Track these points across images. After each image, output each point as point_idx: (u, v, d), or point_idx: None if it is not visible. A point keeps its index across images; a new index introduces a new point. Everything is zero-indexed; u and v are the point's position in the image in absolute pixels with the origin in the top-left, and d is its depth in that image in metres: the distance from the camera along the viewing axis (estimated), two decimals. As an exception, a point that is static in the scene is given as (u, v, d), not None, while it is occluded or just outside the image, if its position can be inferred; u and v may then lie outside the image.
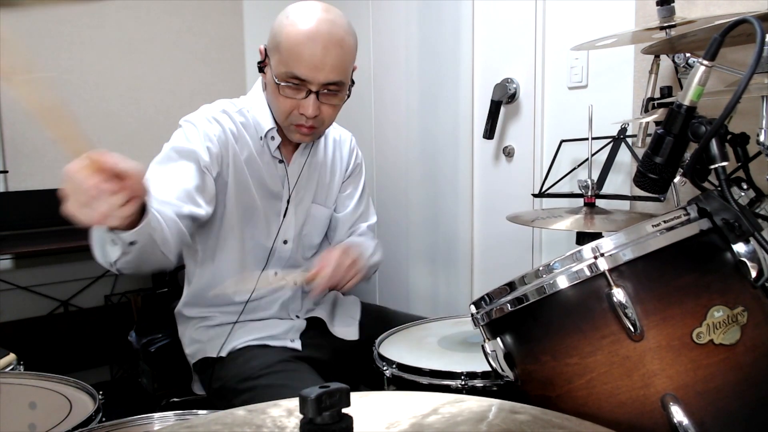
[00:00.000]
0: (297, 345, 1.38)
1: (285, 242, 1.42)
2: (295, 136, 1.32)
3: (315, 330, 1.45)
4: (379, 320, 1.52)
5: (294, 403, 0.50)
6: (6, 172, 2.50)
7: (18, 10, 2.49)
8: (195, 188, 1.22)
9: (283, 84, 1.22)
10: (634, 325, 0.75)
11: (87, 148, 0.84)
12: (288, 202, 1.40)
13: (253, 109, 1.35)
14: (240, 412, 0.59)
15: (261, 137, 1.34)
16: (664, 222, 0.80)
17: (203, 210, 1.24)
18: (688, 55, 1.35)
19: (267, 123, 1.34)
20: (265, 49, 1.30)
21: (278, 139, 1.35)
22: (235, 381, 1.27)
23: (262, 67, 1.31)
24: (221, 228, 1.35)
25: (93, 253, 1.06)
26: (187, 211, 1.19)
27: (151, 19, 2.83)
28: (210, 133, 1.28)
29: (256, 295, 1.35)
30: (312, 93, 1.23)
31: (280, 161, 1.38)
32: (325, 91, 1.24)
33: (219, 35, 3.02)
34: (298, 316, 1.45)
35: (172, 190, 1.18)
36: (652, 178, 0.88)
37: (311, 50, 1.19)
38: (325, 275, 1.25)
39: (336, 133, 1.53)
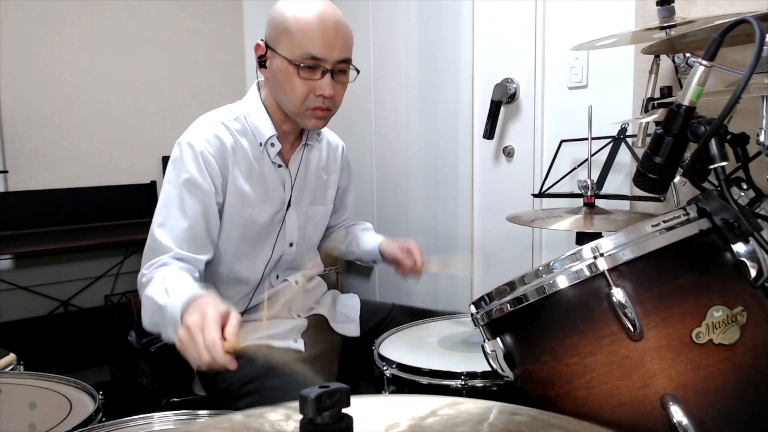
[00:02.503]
0: (300, 345, 1.39)
1: (291, 245, 1.44)
2: (311, 122, 1.32)
3: (317, 328, 1.46)
4: (378, 315, 1.54)
5: (293, 407, 0.50)
6: (6, 172, 2.50)
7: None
8: (206, 231, 1.29)
9: (301, 66, 1.24)
10: (633, 325, 0.75)
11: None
12: (290, 204, 1.41)
13: (251, 115, 1.35)
14: (238, 416, 0.59)
15: (260, 143, 1.34)
16: (664, 222, 0.80)
17: (210, 251, 1.32)
18: (688, 55, 1.35)
19: (267, 130, 1.34)
20: (265, 43, 1.30)
21: (278, 146, 1.36)
22: (239, 383, 1.27)
23: (263, 62, 1.31)
24: (224, 245, 1.36)
25: (144, 322, 1.18)
26: (202, 266, 1.29)
27: (151, 20, 2.83)
28: (211, 158, 1.29)
29: None
30: (327, 72, 1.26)
31: (279, 165, 1.38)
32: (337, 69, 1.28)
33: (219, 35, 3.02)
34: (299, 315, 1.46)
35: (187, 242, 1.26)
36: (652, 178, 0.88)
37: (324, 29, 1.24)
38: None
39: (330, 137, 1.56)
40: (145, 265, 1.24)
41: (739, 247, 0.79)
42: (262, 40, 1.31)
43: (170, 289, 1.11)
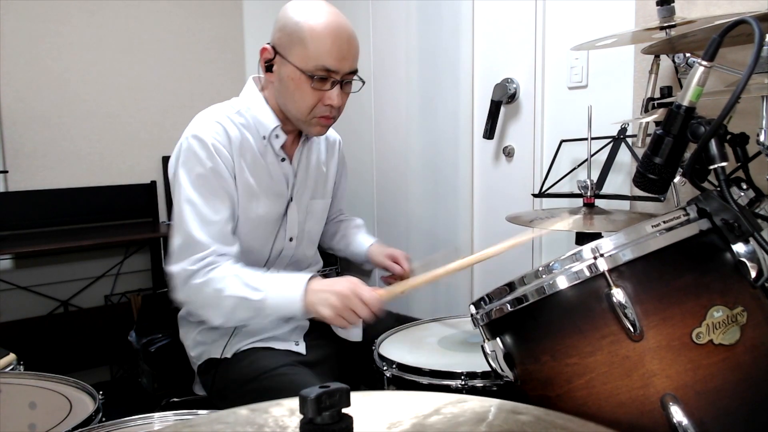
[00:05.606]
0: (301, 348, 1.38)
1: (290, 240, 1.44)
2: (315, 129, 1.34)
3: (318, 331, 1.45)
4: (381, 321, 1.52)
5: (296, 402, 0.50)
6: (6, 172, 2.50)
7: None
8: (232, 222, 1.32)
9: (315, 77, 1.25)
10: (633, 326, 0.75)
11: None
12: (291, 199, 1.41)
13: (252, 108, 1.35)
14: (242, 411, 0.59)
15: (264, 136, 1.34)
16: (664, 222, 0.80)
17: (237, 242, 1.32)
18: (688, 55, 1.35)
19: (270, 122, 1.34)
20: (274, 48, 1.29)
21: (283, 137, 1.36)
22: (238, 383, 1.27)
23: (270, 66, 1.31)
24: None
25: (213, 319, 1.27)
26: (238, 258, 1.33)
27: (151, 19, 2.83)
28: (222, 148, 1.29)
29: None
30: (337, 83, 1.27)
31: (282, 159, 1.38)
32: (345, 80, 1.30)
33: (219, 35, 3.02)
34: None
35: (220, 237, 1.28)
36: (652, 178, 0.88)
37: (339, 42, 1.25)
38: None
39: (329, 132, 1.56)
40: (186, 261, 1.24)
41: (739, 248, 0.79)
42: (268, 43, 1.30)
43: (260, 284, 1.23)
